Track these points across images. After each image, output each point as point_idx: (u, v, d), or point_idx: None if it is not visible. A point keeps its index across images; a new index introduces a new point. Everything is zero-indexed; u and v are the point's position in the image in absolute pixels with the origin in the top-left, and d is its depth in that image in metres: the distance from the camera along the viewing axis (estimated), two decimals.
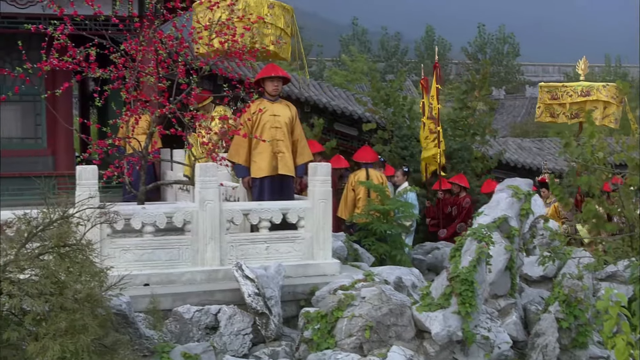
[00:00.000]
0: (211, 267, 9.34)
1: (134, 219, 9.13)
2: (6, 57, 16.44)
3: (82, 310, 6.55)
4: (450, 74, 52.59)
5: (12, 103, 15.84)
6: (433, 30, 56.76)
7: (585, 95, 16.77)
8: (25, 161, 15.16)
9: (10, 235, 7.05)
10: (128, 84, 9.87)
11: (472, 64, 49.34)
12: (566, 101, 16.98)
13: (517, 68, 55.94)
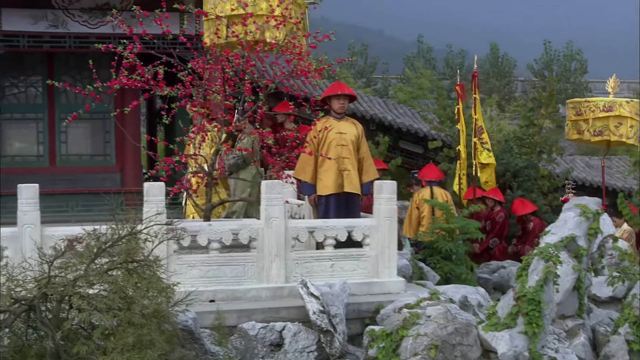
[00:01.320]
0: (276, 284, 9.36)
1: (200, 235, 9.20)
2: (77, 75, 16.76)
3: (149, 326, 6.62)
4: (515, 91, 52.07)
5: (83, 121, 16.14)
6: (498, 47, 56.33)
7: (608, 111, 15.70)
8: (94, 178, 15.42)
9: (80, 251, 7.16)
10: (195, 102, 9.97)
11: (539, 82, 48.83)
12: (589, 117, 16.00)
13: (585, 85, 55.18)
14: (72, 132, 17.19)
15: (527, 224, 14.98)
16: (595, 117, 15.72)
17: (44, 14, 15.49)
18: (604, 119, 15.69)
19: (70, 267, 6.88)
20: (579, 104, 16.29)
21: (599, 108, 15.69)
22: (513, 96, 47.64)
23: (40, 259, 7.08)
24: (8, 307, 6.62)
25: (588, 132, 15.84)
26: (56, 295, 6.68)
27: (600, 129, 15.70)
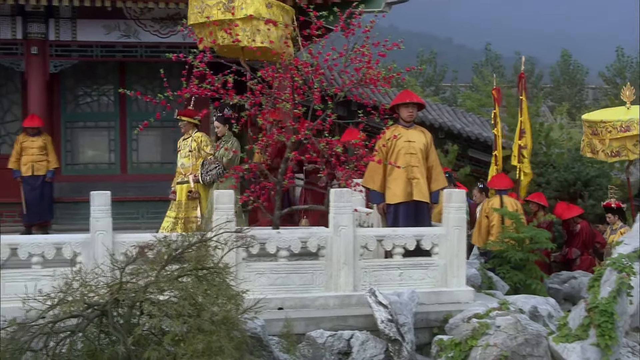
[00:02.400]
0: (344, 293, 9.36)
1: (269, 243, 9.24)
2: (148, 84, 17.01)
3: (218, 333, 6.66)
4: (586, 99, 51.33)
5: (153, 129, 16.37)
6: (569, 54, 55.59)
7: (625, 131, 15.03)
8: (164, 185, 15.53)
9: (151, 257, 7.26)
10: (264, 110, 10.03)
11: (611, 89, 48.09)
12: (605, 137, 15.22)
13: None
14: (143, 140, 17.44)
15: (574, 227, 14.68)
16: (613, 137, 15.06)
17: (116, 24, 15.77)
18: (621, 139, 15.08)
19: (141, 273, 6.97)
20: (594, 123, 15.62)
21: (616, 128, 14.99)
22: (584, 104, 46.89)
23: (112, 265, 7.19)
24: (81, 312, 6.74)
25: (604, 153, 15.02)
26: (128, 301, 6.77)
27: (617, 149, 15.02)
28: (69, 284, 6.85)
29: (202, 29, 10.85)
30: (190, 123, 12.43)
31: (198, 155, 12.18)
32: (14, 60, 15.72)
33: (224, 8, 10.52)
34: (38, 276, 8.67)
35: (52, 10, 15.57)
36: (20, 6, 15.20)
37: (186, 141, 12.41)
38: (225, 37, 10.59)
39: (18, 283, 8.56)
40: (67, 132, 17.30)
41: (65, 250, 8.88)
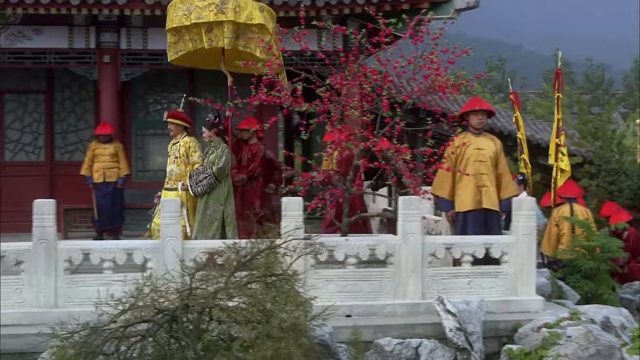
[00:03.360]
0: (412, 301, 9.32)
1: (338, 250, 9.25)
2: (217, 92, 17.13)
3: (287, 339, 6.68)
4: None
5: None
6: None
7: None
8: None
9: (220, 264, 7.31)
10: (333, 118, 10.05)
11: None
12: None
13: None
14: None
15: (622, 234, 14.34)
16: None
17: None
18: None
19: (210, 279, 7.03)
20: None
21: None
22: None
23: (182, 271, 7.27)
24: (152, 317, 6.81)
25: None
26: (197, 306, 6.83)
27: None
28: (139, 289, 6.93)
29: (186, 33, 10.92)
30: (180, 126, 11.81)
31: (187, 161, 11.58)
32: (87, 69, 16.00)
33: (217, 10, 10.54)
34: (110, 281, 8.81)
35: (124, 20, 15.83)
36: (93, 16, 15.49)
37: (175, 146, 11.79)
38: (219, 39, 10.69)
39: (90, 287, 8.72)
40: (138, 139, 17.54)
41: (136, 255, 9.00)
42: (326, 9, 15.11)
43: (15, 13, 15.29)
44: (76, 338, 6.79)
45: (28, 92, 17.77)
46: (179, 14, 10.80)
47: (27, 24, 15.67)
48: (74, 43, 15.91)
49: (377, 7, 14.33)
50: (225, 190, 11.16)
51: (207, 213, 11.03)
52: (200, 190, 11.07)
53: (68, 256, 8.91)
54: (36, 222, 8.86)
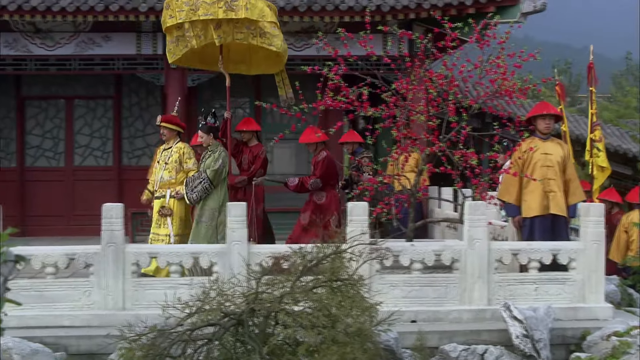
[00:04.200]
0: (478, 307, 9.24)
1: (403, 255, 9.22)
2: None
3: (352, 344, 6.67)
4: None
5: (288, 141, 16.51)
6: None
7: None
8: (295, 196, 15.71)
9: (286, 268, 7.34)
10: (398, 123, 10.02)
11: None
12: None
13: None
14: (278, 151, 17.70)
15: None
16: None
17: None
18: None
19: (276, 284, 7.05)
20: None
21: None
22: None
23: (249, 275, 7.31)
24: (218, 320, 6.86)
25: None
26: (263, 310, 6.86)
27: None
28: (206, 293, 6.99)
29: (190, 29, 10.66)
30: (173, 131, 11.46)
31: (179, 168, 11.21)
32: (155, 75, 16.21)
33: (226, 7, 10.41)
34: (176, 284, 8.89)
35: None
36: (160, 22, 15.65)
37: (167, 152, 11.38)
38: (228, 34, 10.63)
39: (157, 291, 8.81)
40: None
41: (202, 259, 9.08)
42: (391, 14, 15.10)
43: (85, 21, 15.56)
44: (144, 340, 6.86)
45: (97, 97, 18.09)
46: (183, 9, 10.56)
47: (97, 31, 15.95)
48: (141, 49, 16.16)
49: (442, 12, 14.31)
50: (221, 195, 10.85)
51: (202, 220, 10.73)
52: (195, 197, 10.76)
53: (135, 259, 9.02)
54: (105, 226, 8.99)
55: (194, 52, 11.23)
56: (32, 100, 18.17)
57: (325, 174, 11.90)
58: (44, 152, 18.11)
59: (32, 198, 17.82)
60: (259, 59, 11.85)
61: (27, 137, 18.10)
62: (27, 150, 18.09)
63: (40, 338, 8.36)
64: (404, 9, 15.12)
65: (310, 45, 15.92)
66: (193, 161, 11.25)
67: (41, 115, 18.15)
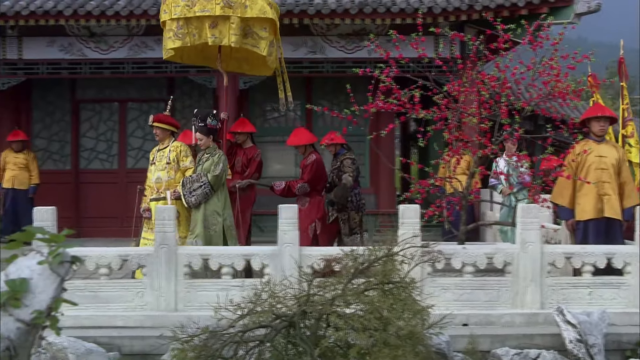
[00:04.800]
0: (531, 310, 9.16)
1: (455, 258, 9.17)
2: (334, 99, 17.26)
3: (404, 347, 6.65)
4: None
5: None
6: None
7: None
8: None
9: (338, 271, 7.34)
10: (450, 125, 9.98)
11: None
12: None
13: None
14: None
15: None
16: None
17: (303, 41, 16.11)
18: None
19: (328, 286, 7.05)
20: None
21: None
22: None
23: (300, 277, 7.32)
24: (270, 322, 6.88)
25: None
26: (315, 313, 6.86)
27: None
28: (258, 295, 7.01)
29: (185, 26, 10.43)
30: (166, 131, 11.06)
31: (177, 167, 10.84)
32: (207, 78, 16.31)
33: (224, 3, 10.18)
34: (228, 286, 8.94)
35: None
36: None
37: (162, 152, 10.98)
38: (224, 35, 10.31)
39: (209, 292, 8.86)
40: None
41: (254, 261, 9.12)
42: (443, 16, 15.04)
43: (138, 24, 15.73)
44: (196, 341, 6.90)
45: (150, 100, 18.26)
46: (180, 4, 10.32)
47: (150, 35, 16.09)
48: None
49: (495, 13, 14.21)
50: (222, 199, 10.51)
51: (208, 226, 10.34)
52: (194, 201, 10.34)
53: (188, 261, 9.09)
54: (157, 228, 9.08)
55: (195, 48, 11.07)
56: (86, 103, 18.41)
57: (314, 178, 11.60)
58: (98, 154, 18.33)
59: (86, 200, 18.04)
60: (257, 58, 11.39)
61: (82, 139, 18.34)
62: (82, 153, 18.32)
63: (94, 338, 8.46)
64: (456, 11, 15.05)
65: (361, 48, 15.91)
66: (190, 159, 10.91)
67: (95, 118, 18.38)
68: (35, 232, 3.04)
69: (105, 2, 15.41)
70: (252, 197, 11.91)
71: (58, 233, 3.16)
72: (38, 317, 2.96)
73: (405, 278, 7.24)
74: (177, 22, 10.44)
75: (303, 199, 11.53)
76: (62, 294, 3.09)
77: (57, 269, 3.04)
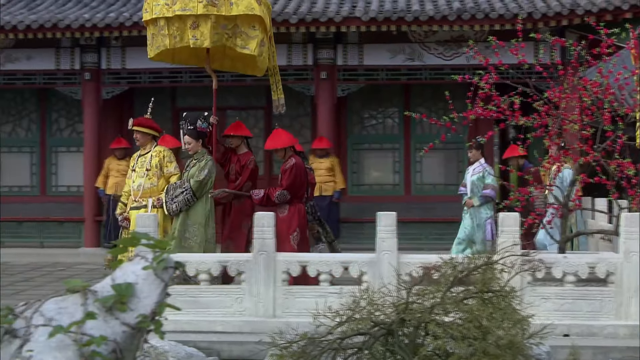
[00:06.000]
0: (635, 322, 8.91)
1: (555, 267, 9.01)
2: (432, 106, 17.18)
3: (504, 357, 6.56)
4: None
5: (437, 150, 16.45)
6: None
7: None
8: (447, 207, 15.66)
9: (436, 278, 7.29)
10: (551, 132, 9.83)
11: None
12: None
13: None
14: (426, 161, 17.63)
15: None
16: None
17: (401, 48, 16.10)
18: None
19: (427, 294, 7.01)
20: None
21: None
22: None
23: (399, 285, 7.29)
24: (368, 329, 6.87)
25: None
26: (413, 321, 6.83)
27: None
28: (356, 302, 7.01)
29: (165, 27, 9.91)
30: (147, 135, 10.46)
31: (160, 174, 10.26)
32: (305, 85, 16.46)
33: (207, 1, 9.63)
34: (325, 293, 8.95)
35: (340, 37, 16.16)
36: (311, 34, 15.92)
37: (144, 157, 10.40)
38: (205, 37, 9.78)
39: (307, 299, 8.89)
40: (353, 153, 17.83)
41: (352, 269, 9.12)
42: (543, 21, 14.84)
43: None
44: (294, 348, 6.94)
45: (248, 108, 18.47)
46: (160, 2, 9.77)
47: None
48: (292, 60, 16.43)
49: (597, 17, 13.96)
50: (205, 208, 10.04)
51: (186, 236, 9.99)
52: (175, 208, 9.89)
53: (286, 268, 9.15)
54: (256, 234, 9.16)
55: (187, 48, 10.46)
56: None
57: (293, 185, 10.50)
58: None
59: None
60: (248, 58, 10.79)
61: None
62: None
63: (194, 342, 8.59)
64: (556, 16, 14.84)
65: (459, 54, 15.82)
66: (174, 165, 10.42)
67: None
68: (140, 238, 3.10)
69: None
70: (247, 209, 10.75)
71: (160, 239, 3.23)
72: (143, 321, 3.02)
73: (504, 287, 7.15)
74: (158, 22, 9.98)
75: (282, 206, 10.49)
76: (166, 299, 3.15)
77: (161, 275, 3.10)
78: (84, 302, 3.06)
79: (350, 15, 15.35)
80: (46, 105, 18.85)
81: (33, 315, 3.03)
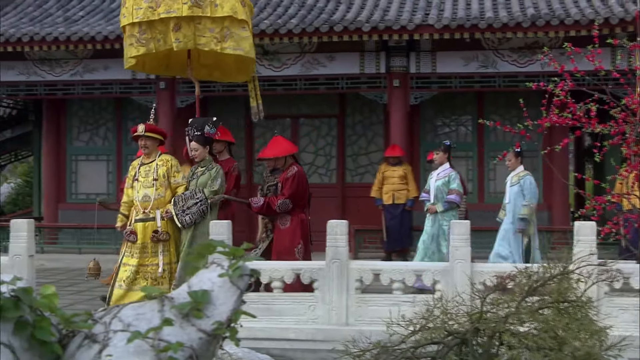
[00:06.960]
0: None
1: (634, 278, 8.84)
2: (506, 114, 17.03)
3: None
4: None
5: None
6: None
7: None
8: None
9: (511, 288, 7.21)
10: (628, 139, 9.66)
11: None
12: None
13: None
14: (500, 169, 17.44)
15: None
16: None
17: (474, 55, 15.99)
18: None
19: (501, 303, 6.94)
20: None
21: None
22: None
23: (473, 294, 7.23)
24: (442, 339, 6.83)
25: None
26: (488, 330, 6.77)
27: None
28: (430, 311, 6.97)
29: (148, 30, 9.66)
30: (156, 142, 9.91)
31: (167, 184, 9.70)
32: (378, 93, 16.46)
33: (192, 2, 9.37)
34: (399, 301, 8.93)
35: (413, 44, 16.12)
36: (384, 41, 15.91)
37: (148, 166, 9.75)
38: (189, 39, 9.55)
39: (380, 307, 8.87)
40: (425, 161, 17.74)
41: (425, 277, 9.08)
42: (620, 26, 14.61)
43: (310, 42, 16.02)
44: (367, 356, 6.93)
45: (321, 116, 18.54)
46: (142, 5, 9.45)
47: (321, 52, 16.37)
48: (364, 68, 16.45)
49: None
50: (214, 218, 9.58)
51: (193, 247, 8.73)
52: (189, 220, 9.48)
53: (359, 276, 9.14)
54: (329, 242, 9.17)
55: (157, 57, 10.33)
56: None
57: (296, 193, 10.28)
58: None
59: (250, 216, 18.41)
60: (230, 64, 10.72)
61: (255, 154, 18.79)
62: (255, 168, 18.75)
63: (267, 349, 8.62)
64: (634, 21, 14.57)
65: (534, 61, 15.65)
66: (182, 175, 9.88)
67: (268, 134, 18.78)
68: (216, 246, 3.13)
69: (278, 20, 15.77)
70: (229, 215, 10.26)
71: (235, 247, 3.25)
72: (219, 328, 3.05)
73: (581, 297, 7.04)
74: (139, 26, 9.67)
75: (284, 217, 10.27)
76: (241, 306, 3.17)
77: (237, 282, 3.12)
78: (160, 308, 3.10)
79: (423, 22, 15.30)
80: (122, 114, 19.17)
81: (112, 321, 3.08)
